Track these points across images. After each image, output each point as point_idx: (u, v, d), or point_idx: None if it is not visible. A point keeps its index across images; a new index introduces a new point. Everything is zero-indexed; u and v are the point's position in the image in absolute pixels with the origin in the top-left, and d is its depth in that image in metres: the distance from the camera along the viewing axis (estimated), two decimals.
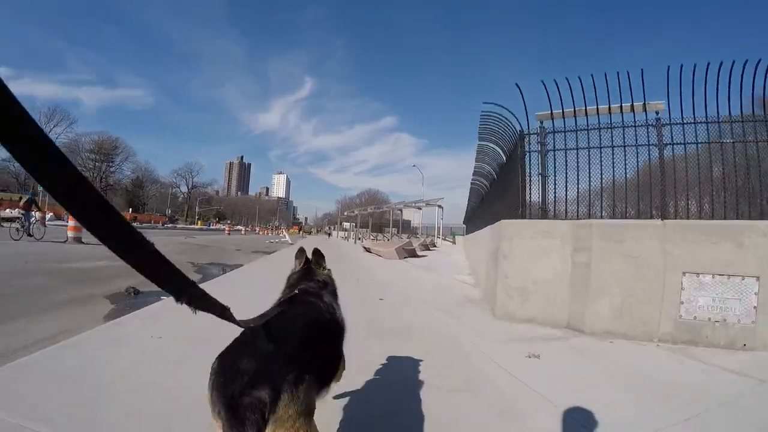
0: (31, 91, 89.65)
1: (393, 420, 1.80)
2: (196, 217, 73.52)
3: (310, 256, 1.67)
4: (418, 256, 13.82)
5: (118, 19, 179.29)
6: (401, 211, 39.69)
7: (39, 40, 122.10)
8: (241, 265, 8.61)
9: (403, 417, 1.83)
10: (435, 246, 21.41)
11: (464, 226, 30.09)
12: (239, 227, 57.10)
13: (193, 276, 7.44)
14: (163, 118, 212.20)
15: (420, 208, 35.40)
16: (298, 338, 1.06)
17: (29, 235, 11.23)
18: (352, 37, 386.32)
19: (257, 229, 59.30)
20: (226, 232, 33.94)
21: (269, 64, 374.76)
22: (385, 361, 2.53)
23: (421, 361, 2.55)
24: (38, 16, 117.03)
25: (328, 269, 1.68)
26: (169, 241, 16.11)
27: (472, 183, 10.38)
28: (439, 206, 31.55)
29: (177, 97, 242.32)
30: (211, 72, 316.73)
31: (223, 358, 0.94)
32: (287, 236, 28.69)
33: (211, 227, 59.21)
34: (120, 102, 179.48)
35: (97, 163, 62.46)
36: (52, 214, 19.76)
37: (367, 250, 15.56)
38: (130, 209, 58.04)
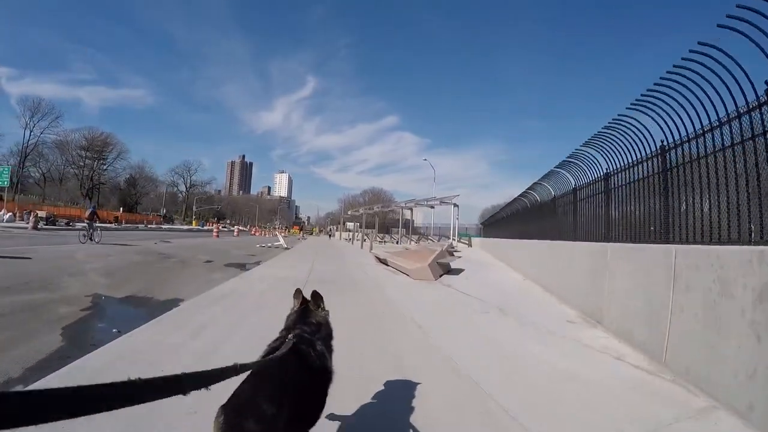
0: (33, 90, 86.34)
1: None
2: (192, 217, 69.65)
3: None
4: (452, 270, 9.81)
5: (119, 18, 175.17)
6: (411, 210, 35.80)
7: (39, 39, 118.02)
8: (169, 309, 4.68)
9: None
10: (457, 251, 17.07)
11: (480, 226, 26.43)
12: (233, 228, 52.48)
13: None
14: (164, 117, 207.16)
15: (433, 207, 31.73)
16: (298, 395, 1.14)
17: (91, 239, 13.63)
18: (356, 36, 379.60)
19: (253, 230, 54.41)
20: (215, 235, 29.70)
21: (272, 64, 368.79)
22: None
23: None
24: (38, 15, 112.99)
25: (326, 310, 1.65)
26: (123, 250, 12.15)
27: (571, 155, 6.43)
28: (455, 204, 28.24)
29: (179, 96, 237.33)
30: (214, 71, 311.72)
31: (228, 416, 0.98)
32: (281, 240, 24.17)
33: (205, 227, 55.13)
34: (122, 102, 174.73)
35: (88, 161, 58.91)
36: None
37: (382, 261, 11.57)
38: (121, 209, 54.38)
